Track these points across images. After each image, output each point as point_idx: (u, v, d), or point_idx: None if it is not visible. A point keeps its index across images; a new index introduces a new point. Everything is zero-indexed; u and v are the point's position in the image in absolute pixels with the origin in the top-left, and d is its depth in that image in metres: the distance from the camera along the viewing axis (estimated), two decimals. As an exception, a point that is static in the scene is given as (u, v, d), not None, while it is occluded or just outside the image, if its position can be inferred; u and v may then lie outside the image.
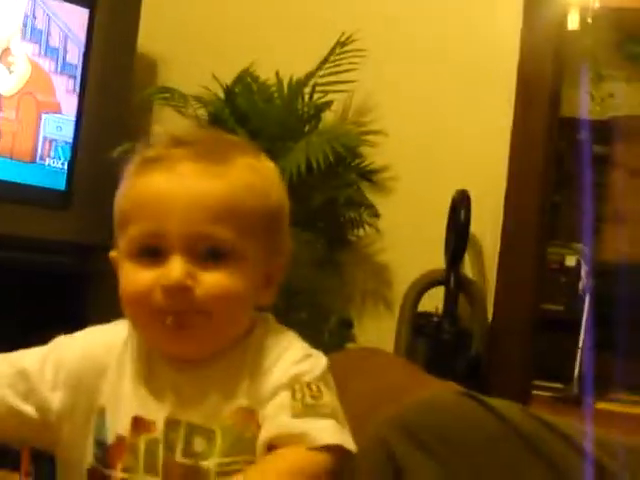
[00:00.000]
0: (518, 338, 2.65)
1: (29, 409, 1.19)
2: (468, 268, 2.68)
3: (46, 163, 2.67)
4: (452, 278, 2.57)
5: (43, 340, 1.24)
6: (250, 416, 1.13)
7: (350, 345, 2.52)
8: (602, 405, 4.40)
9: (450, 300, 2.58)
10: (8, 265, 2.56)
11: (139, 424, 1.14)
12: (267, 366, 1.16)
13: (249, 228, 1.14)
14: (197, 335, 1.13)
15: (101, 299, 2.47)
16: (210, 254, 1.12)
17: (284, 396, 1.12)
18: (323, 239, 2.57)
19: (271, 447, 1.09)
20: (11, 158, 2.62)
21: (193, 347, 1.15)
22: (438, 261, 2.58)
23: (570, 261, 5.29)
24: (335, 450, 1.08)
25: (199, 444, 1.13)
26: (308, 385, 1.14)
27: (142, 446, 1.13)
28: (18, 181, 2.63)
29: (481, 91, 2.72)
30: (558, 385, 4.85)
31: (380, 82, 2.79)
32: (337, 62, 2.67)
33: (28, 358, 1.21)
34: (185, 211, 1.11)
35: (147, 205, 1.12)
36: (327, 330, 2.47)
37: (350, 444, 1.09)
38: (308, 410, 1.11)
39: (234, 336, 1.17)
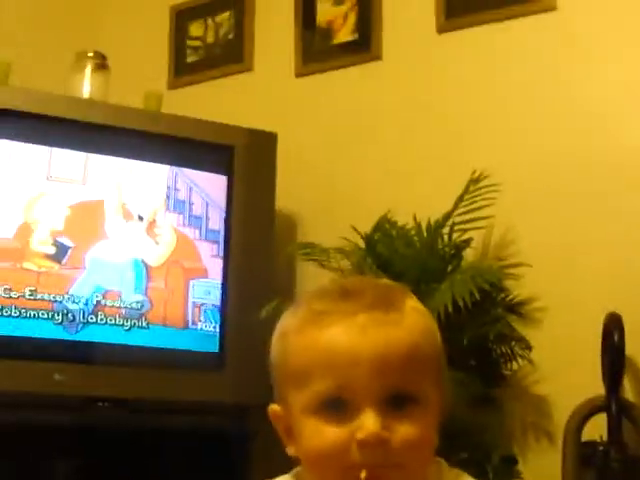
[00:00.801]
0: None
1: None
2: (628, 392, 2.61)
3: (198, 327, 2.73)
4: (613, 403, 2.51)
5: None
6: None
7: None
8: None
9: (614, 426, 2.50)
10: (169, 429, 2.60)
11: None
12: None
13: (428, 372, 1.14)
14: None
15: (261, 457, 2.49)
16: (399, 403, 1.11)
17: None
18: (477, 377, 2.55)
19: None
20: (164, 325, 2.69)
21: None
22: (597, 387, 2.53)
23: None
24: None
25: None
26: None
27: None
28: (173, 347, 2.70)
29: (619, 210, 2.69)
30: None
31: (517, 214, 2.79)
32: (472, 199, 2.69)
33: None
34: (373, 363, 1.10)
35: (332, 359, 1.11)
36: (491, 468, 2.43)
37: None
38: None
39: None
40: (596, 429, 2.53)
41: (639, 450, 2.52)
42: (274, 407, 1.20)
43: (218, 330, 2.76)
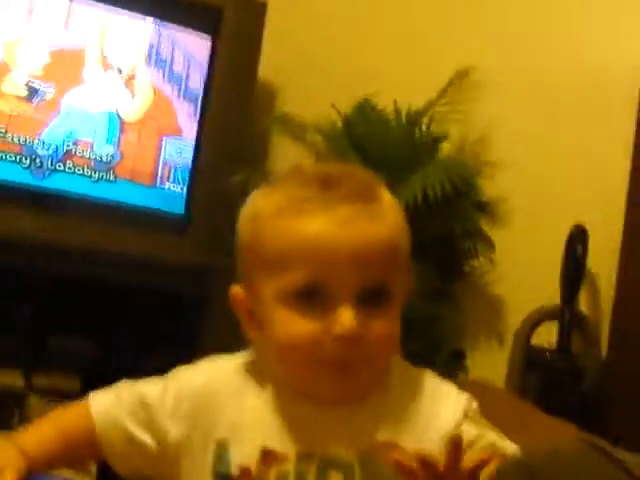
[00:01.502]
0: (633, 376, 2.59)
1: (148, 439, 1.20)
2: (583, 303, 2.63)
3: (166, 187, 2.71)
4: (566, 313, 2.54)
5: (161, 360, 1.25)
6: (393, 451, 1.11)
7: (462, 376, 2.51)
8: None
9: (564, 335, 2.54)
10: (127, 286, 2.61)
11: (269, 456, 1.13)
12: (424, 404, 1.16)
13: (400, 267, 1.14)
14: (359, 380, 1.13)
15: (217, 320, 2.51)
16: (373, 298, 1.10)
17: (467, 425, 1.14)
18: (437, 270, 2.56)
19: None
20: (132, 181, 2.68)
21: (352, 390, 1.14)
22: (553, 295, 2.55)
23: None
24: None
25: (335, 478, 1.12)
26: (478, 409, 1.16)
27: (271, 478, 1.13)
28: (138, 204, 2.68)
29: (600, 124, 2.68)
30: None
31: (498, 113, 2.77)
32: (455, 93, 2.67)
33: (149, 387, 1.22)
34: (354, 256, 1.09)
35: (313, 250, 1.09)
36: (439, 361, 2.46)
37: None
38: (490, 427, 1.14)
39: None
40: (547, 336, 2.57)
41: (584, 360, 2.56)
42: (237, 289, 1.19)
43: (185, 192, 2.74)
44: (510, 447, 1.12)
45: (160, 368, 1.26)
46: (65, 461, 1.29)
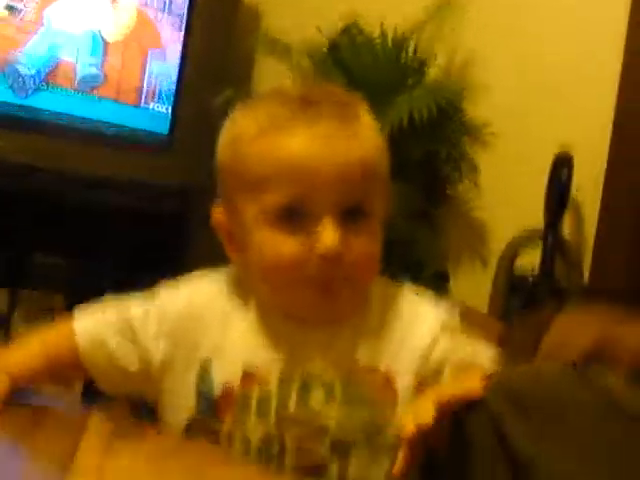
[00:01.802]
0: (615, 302, 2.60)
1: (132, 358, 1.22)
2: (567, 229, 2.64)
3: (150, 107, 2.70)
4: (550, 238, 2.54)
5: (145, 281, 1.26)
6: (372, 374, 1.14)
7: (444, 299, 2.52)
8: None
9: (547, 260, 2.55)
10: (111, 206, 2.60)
11: (251, 375, 1.15)
12: (400, 324, 1.18)
13: (379, 187, 1.14)
14: (342, 299, 1.14)
15: (200, 240, 2.51)
16: (354, 217, 1.11)
17: (443, 340, 1.16)
18: (421, 193, 2.56)
19: None
20: (116, 100, 2.66)
21: (334, 310, 1.15)
22: (537, 220, 2.55)
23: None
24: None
25: (316, 396, 1.13)
26: (459, 320, 1.19)
27: (254, 397, 1.14)
28: (122, 123, 2.67)
29: (588, 49, 2.65)
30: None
31: (485, 37, 2.75)
32: (442, 16, 2.65)
33: (133, 308, 1.23)
34: (335, 175, 1.09)
35: (293, 169, 1.09)
36: (421, 282, 2.47)
37: None
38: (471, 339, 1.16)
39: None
40: (530, 261, 2.57)
41: (567, 285, 2.57)
42: (218, 211, 1.19)
43: (170, 112, 2.72)
44: (487, 359, 1.13)
45: (143, 286, 1.26)
46: (49, 380, 1.30)
